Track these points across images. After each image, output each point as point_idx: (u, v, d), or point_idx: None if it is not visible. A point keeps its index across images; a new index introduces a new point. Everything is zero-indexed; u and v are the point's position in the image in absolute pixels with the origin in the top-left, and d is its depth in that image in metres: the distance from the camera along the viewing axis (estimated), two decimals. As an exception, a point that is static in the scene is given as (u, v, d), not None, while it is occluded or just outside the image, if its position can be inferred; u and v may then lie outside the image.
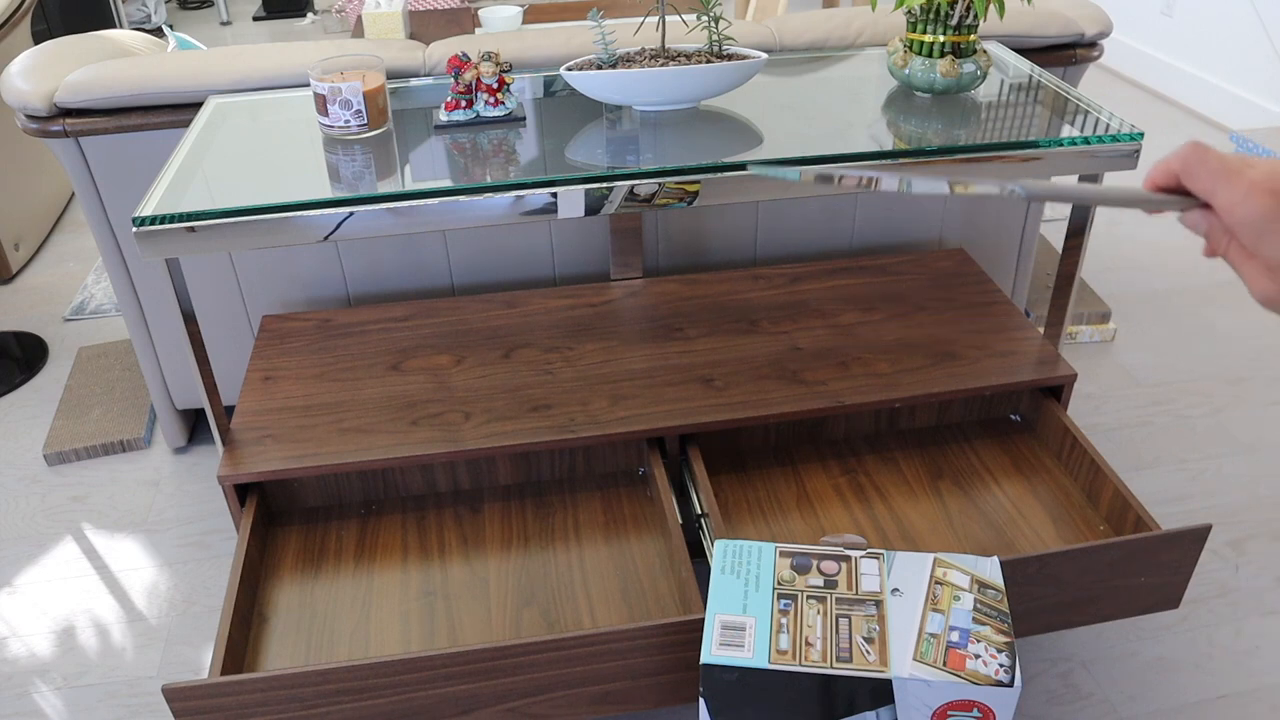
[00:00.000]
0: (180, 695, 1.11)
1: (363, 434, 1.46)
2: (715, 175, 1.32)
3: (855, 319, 1.69)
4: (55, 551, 1.81)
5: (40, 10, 3.84)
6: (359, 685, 1.14)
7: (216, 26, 5.05)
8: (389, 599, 1.35)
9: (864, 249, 1.95)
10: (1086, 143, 1.39)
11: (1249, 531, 1.76)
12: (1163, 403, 2.07)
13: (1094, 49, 1.83)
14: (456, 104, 1.48)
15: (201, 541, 1.81)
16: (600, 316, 1.71)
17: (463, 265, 1.84)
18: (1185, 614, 1.61)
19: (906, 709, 1.08)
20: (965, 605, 1.12)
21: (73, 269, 2.76)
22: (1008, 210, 1.98)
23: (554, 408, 1.49)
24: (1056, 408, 1.53)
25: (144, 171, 1.69)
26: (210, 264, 1.78)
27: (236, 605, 1.26)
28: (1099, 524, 1.41)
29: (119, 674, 1.57)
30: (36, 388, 2.26)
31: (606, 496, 1.49)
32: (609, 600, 1.32)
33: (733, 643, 1.09)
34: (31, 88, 1.62)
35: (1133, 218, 2.81)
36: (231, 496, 1.41)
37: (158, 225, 1.24)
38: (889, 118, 1.48)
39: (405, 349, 1.65)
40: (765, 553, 1.18)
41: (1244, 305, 2.40)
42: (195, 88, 1.63)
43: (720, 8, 1.49)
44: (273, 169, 1.36)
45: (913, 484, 1.49)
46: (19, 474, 2.00)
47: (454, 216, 1.29)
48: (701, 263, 1.91)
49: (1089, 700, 1.48)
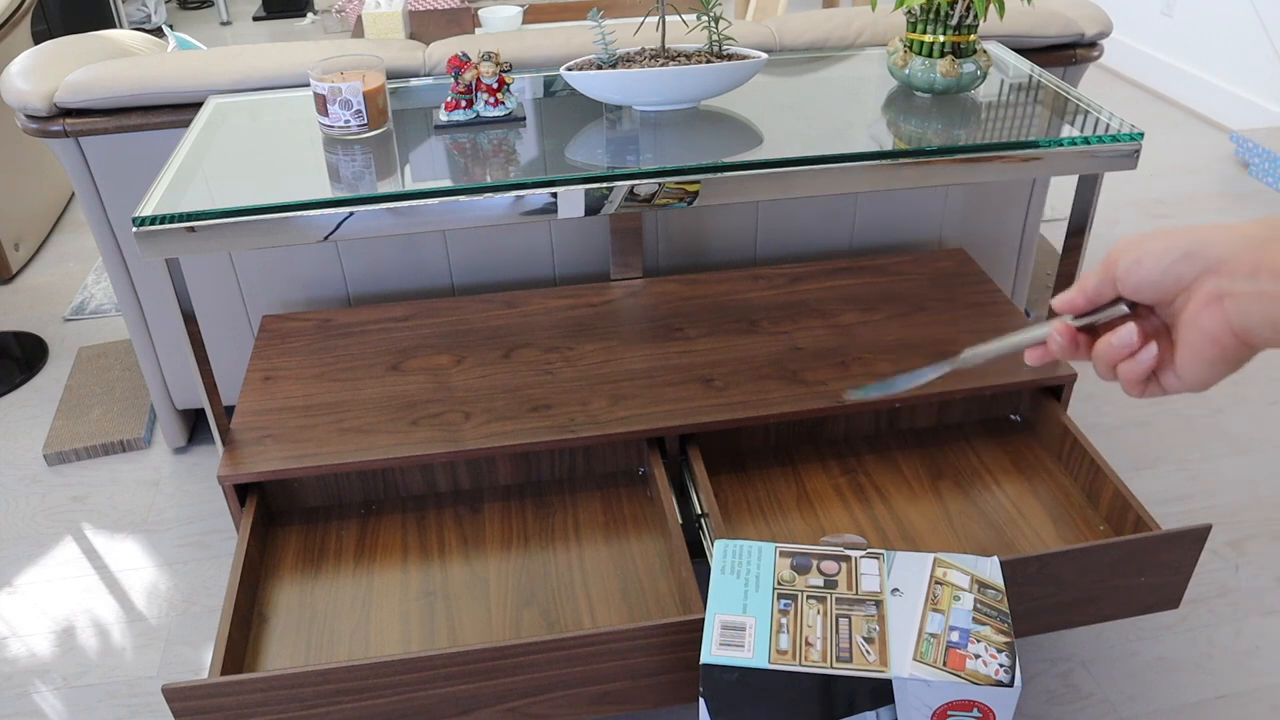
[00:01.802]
0: (180, 695, 1.11)
1: (363, 434, 1.46)
2: (715, 175, 1.32)
3: (855, 319, 1.69)
4: (55, 551, 1.81)
5: (40, 10, 3.84)
6: (359, 685, 1.14)
7: (216, 26, 5.05)
8: (389, 599, 1.35)
9: (864, 249, 1.95)
10: (1086, 143, 1.39)
11: (1249, 531, 1.76)
12: (1163, 403, 2.07)
13: (1094, 49, 1.83)
14: (456, 104, 1.48)
15: (201, 541, 1.81)
16: (600, 316, 1.71)
17: (463, 265, 1.84)
18: (1185, 614, 1.61)
19: (906, 709, 1.08)
20: (965, 605, 1.12)
21: (73, 269, 2.76)
22: (1008, 210, 1.98)
23: (554, 408, 1.49)
24: (1056, 408, 1.53)
25: (144, 171, 1.69)
26: (210, 264, 1.78)
27: (236, 605, 1.26)
28: (1099, 524, 1.41)
29: (119, 674, 1.57)
30: (36, 388, 2.26)
31: (606, 496, 1.49)
32: (609, 600, 1.32)
33: (733, 643, 1.09)
34: (31, 88, 1.62)
35: (1133, 218, 2.81)
36: (231, 496, 1.41)
37: (158, 225, 1.24)
38: (889, 118, 1.48)
39: (405, 349, 1.65)
40: (765, 553, 1.18)
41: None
42: (195, 88, 1.63)
43: (720, 8, 1.49)
44: (273, 169, 1.36)
45: (913, 484, 1.49)
46: (19, 474, 2.00)
47: (454, 216, 1.29)
48: (701, 263, 1.91)
49: (1089, 700, 1.48)
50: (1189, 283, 0.54)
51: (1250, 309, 0.51)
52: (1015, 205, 1.97)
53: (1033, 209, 1.99)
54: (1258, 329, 0.51)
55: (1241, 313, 0.51)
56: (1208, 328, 0.53)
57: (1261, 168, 2.99)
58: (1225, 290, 0.52)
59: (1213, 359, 0.54)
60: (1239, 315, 0.51)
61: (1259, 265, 0.50)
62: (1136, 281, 0.55)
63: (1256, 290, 0.50)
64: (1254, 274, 0.50)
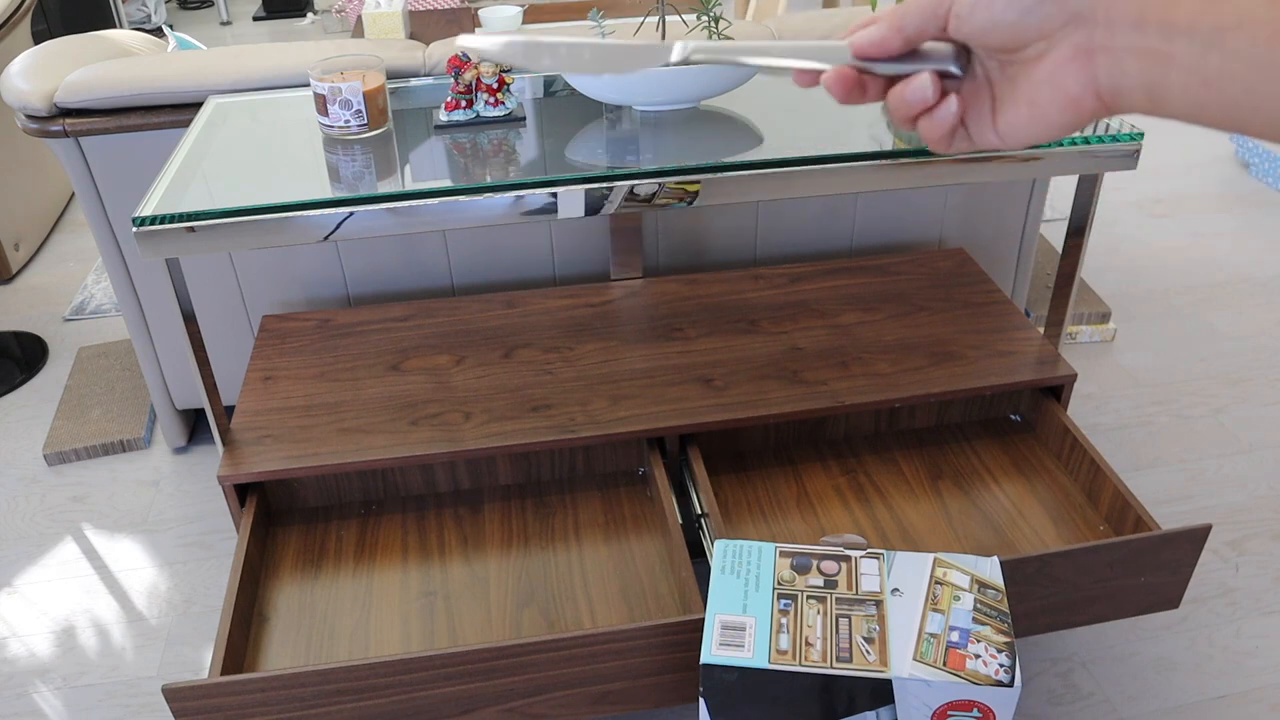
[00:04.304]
0: (180, 695, 1.11)
1: (363, 434, 1.45)
2: (715, 175, 1.32)
3: (855, 319, 1.69)
4: (55, 551, 1.81)
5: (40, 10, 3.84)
6: (359, 685, 1.14)
7: (216, 26, 5.05)
8: (389, 599, 1.35)
9: (864, 249, 1.95)
10: (1086, 142, 1.39)
11: (1249, 531, 1.76)
12: (1163, 403, 2.07)
13: (1094, 49, 1.82)
14: (456, 104, 1.48)
15: (201, 541, 1.81)
16: (600, 316, 1.71)
17: (463, 265, 1.84)
18: (1185, 614, 1.61)
19: (906, 709, 1.08)
20: (965, 605, 1.12)
21: (73, 269, 2.76)
22: (1008, 210, 1.98)
23: (554, 408, 1.49)
24: (1056, 408, 1.53)
25: (144, 171, 1.69)
26: (210, 264, 1.78)
27: (236, 605, 1.26)
28: (1099, 524, 1.41)
29: (119, 674, 1.57)
30: (36, 388, 2.26)
31: (606, 496, 1.49)
32: (609, 600, 1.32)
33: (733, 643, 1.09)
34: (31, 88, 1.62)
35: (1133, 218, 2.81)
36: (231, 496, 1.41)
37: (158, 225, 1.24)
38: (889, 117, 1.48)
39: (405, 349, 1.65)
40: (765, 553, 1.18)
41: (1244, 305, 2.40)
42: (195, 88, 1.63)
43: (720, 8, 1.49)
44: (273, 169, 1.36)
45: (913, 484, 1.49)
46: (19, 474, 2.00)
47: (454, 216, 1.29)
48: (701, 263, 1.91)
49: (1089, 700, 1.48)
50: (1053, 30, 0.44)
51: (1128, 67, 0.42)
52: (1015, 205, 1.97)
53: (1033, 209, 1.99)
54: (1130, 91, 0.42)
55: (1115, 71, 0.42)
56: (1068, 86, 0.44)
57: (1262, 168, 2.99)
58: (1100, 44, 0.43)
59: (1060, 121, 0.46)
60: (1111, 74, 0.43)
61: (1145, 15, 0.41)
62: (982, 22, 0.45)
63: (1139, 45, 0.41)
64: (1139, 25, 0.41)
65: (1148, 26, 0.41)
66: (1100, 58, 0.43)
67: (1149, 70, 0.41)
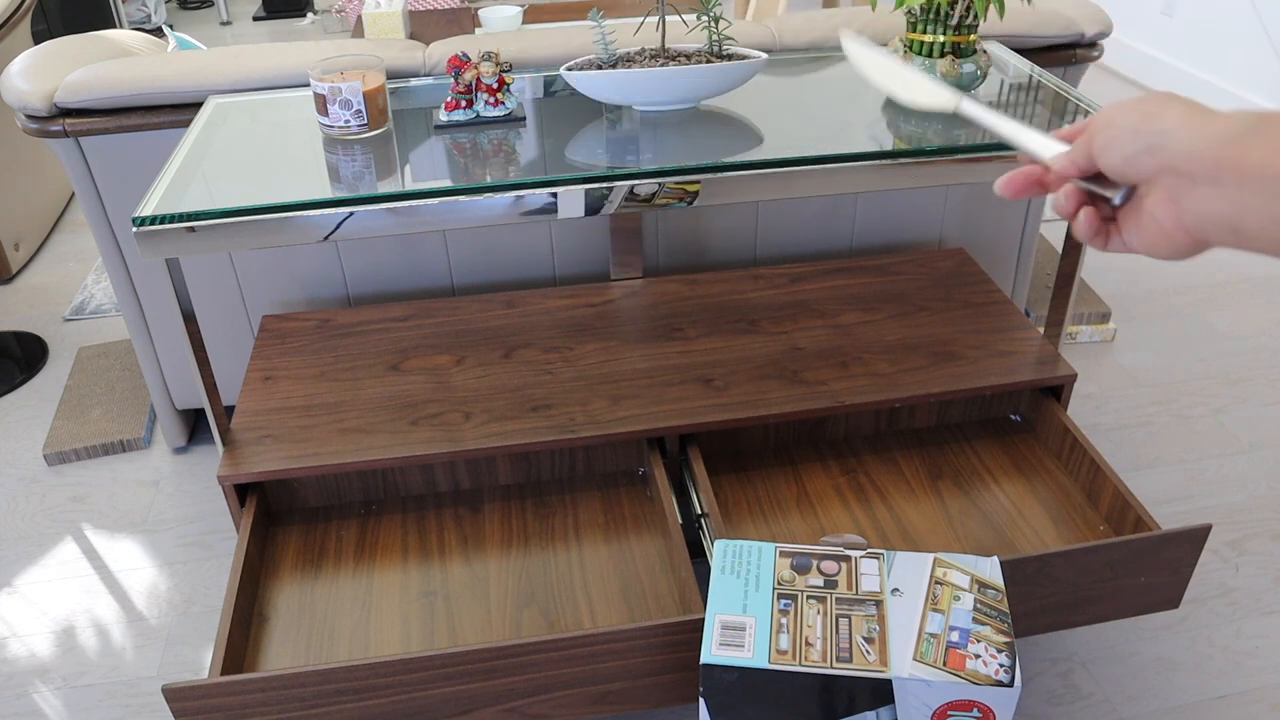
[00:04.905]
0: (180, 695, 1.11)
1: (363, 434, 1.46)
2: (715, 175, 1.32)
3: (855, 319, 1.69)
4: (55, 551, 1.81)
5: (40, 10, 3.84)
6: (359, 685, 1.14)
7: (216, 26, 5.05)
8: (389, 599, 1.35)
9: (864, 249, 1.95)
10: (1086, 143, 1.39)
11: (1249, 531, 1.76)
12: (1163, 403, 2.07)
13: (1094, 49, 1.83)
14: (456, 104, 1.48)
15: (201, 541, 1.81)
16: (600, 316, 1.71)
17: (463, 265, 1.84)
18: (1185, 614, 1.61)
19: (906, 709, 1.08)
20: (965, 605, 1.12)
21: (73, 269, 2.76)
22: (1008, 210, 1.98)
23: (554, 408, 1.49)
24: (1056, 408, 1.53)
25: (144, 171, 1.69)
26: (210, 264, 1.78)
27: (236, 605, 1.26)
28: (1099, 524, 1.41)
29: (119, 674, 1.57)
30: (36, 388, 2.26)
31: (606, 496, 1.49)
32: (609, 600, 1.32)
33: (733, 643, 1.09)
34: (31, 88, 1.62)
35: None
36: (231, 496, 1.41)
37: (158, 225, 1.24)
38: (889, 118, 1.48)
39: (405, 349, 1.65)
40: (765, 553, 1.18)
41: (1244, 305, 2.40)
42: (195, 88, 1.63)
43: (720, 8, 1.49)
44: (273, 169, 1.36)
45: (913, 484, 1.49)
46: (19, 474, 2.00)
47: (454, 216, 1.29)
48: (701, 263, 1.91)
49: (1089, 700, 1.48)
50: (1150, 175, 0.51)
51: (1207, 211, 0.48)
52: (1015, 205, 1.97)
53: (1033, 209, 1.99)
54: (1214, 232, 0.48)
55: (1197, 214, 0.49)
56: (1163, 222, 0.51)
57: (1261, 168, 2.99)
58: (1184, 192, 0.49)
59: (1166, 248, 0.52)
60: (1194, 217, 0.49)
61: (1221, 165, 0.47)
62: (1105, 165, 0.54)
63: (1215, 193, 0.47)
64: (1215, 174, 0.47)
65: (1223, 176, 0.47)
66: (1185, 203, 0.49)
67: (1228, 215, 0.47)
